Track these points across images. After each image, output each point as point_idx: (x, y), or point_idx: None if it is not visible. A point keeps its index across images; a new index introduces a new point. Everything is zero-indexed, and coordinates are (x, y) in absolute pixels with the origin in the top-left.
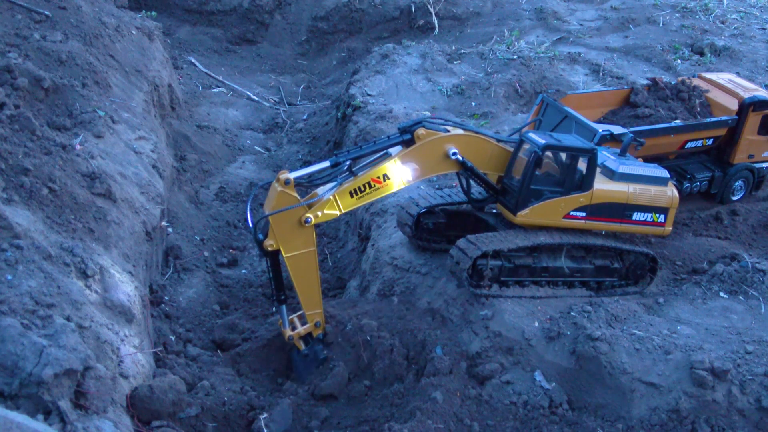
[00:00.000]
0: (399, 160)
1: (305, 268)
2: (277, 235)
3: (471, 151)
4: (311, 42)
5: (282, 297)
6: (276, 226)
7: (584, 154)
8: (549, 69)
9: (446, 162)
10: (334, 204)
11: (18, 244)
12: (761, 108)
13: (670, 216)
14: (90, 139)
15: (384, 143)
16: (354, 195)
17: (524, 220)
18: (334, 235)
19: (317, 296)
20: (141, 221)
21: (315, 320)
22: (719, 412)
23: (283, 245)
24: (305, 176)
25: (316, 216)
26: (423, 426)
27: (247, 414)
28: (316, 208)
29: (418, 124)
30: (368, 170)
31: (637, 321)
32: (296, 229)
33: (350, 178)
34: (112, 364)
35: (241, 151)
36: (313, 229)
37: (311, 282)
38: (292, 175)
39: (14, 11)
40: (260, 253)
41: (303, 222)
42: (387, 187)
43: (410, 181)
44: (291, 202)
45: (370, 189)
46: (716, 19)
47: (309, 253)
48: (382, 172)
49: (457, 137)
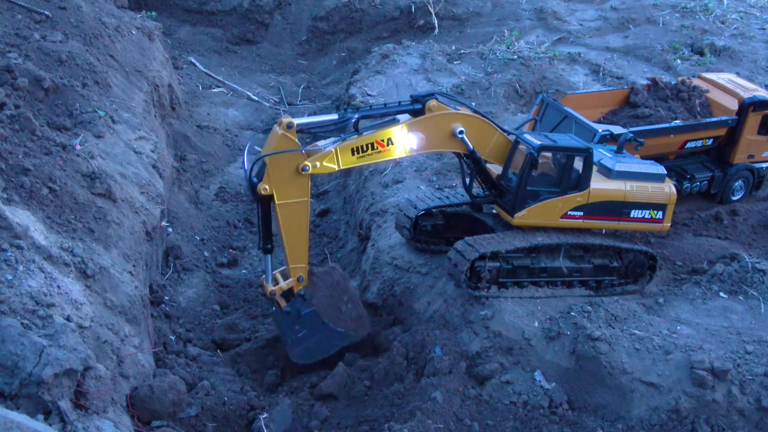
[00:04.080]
0: (406, 127)
1: (296, 219)
2: (272, 180)
3: (476, 134)
4: (311, 42)
5: (268, 246)
6: (272, 170)
7: (580, 154)
8: (549, 69)
9: (451, 140)
10: (334, 158)
11: (18, 244)
12: (761, 108)
13: (668, 212)
14: (90, 139)
15: (394, 108)
16: (355, 153)
17: (522, 221)
18: (334, 235)
19: (304, 250)
20: (141, 221)
21: (298, 275)
22: (719, 412)
23: (277, 191)
24: (309, 125)
25: (315, 166)
26: (423, 426)
27: (247, 414)
28: (315, 158)
29: (431, 95)
30: (374, 131)
31: (637, 321)
32: (293, 176)
33: (354, 136)
34: (112, 364)
35: (241, 151)
36: (309, 179)
37: (300, 234)
38: (295, 120)
39: (14, 11)
40: (252, 198)
41: (300, 170)
42: (389, 152)
43: (413, 151)
44: (291, 147)
45: (372, 151)
46: (716, 19)
47: (302, 203)
48: (387, 136)
49: (466, 116)
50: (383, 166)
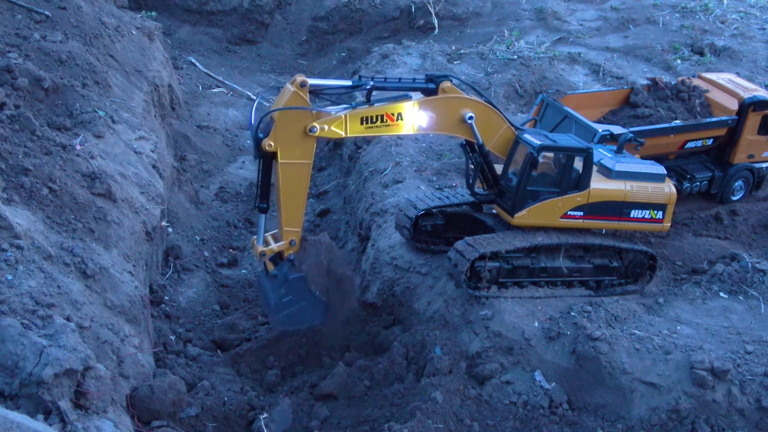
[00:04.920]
0: (418, 105)
1: (296, 181)
2: (278, 136)
3: (484, 123)
4: (311, 42)
5: (263, 206)
6: (280, 126)
7: (580, 154)
8: (549, 69)
9: (460, 126)
10: (342, 124)
11: (18, 244)
12: (761, 108)
13: (668, 212)
14: (90, 139)
15: (408, 84)
16: (364, 122)
17: (522, 221)
18: (334, 235)
19: (300, 214)
20: (141, 221)
21: (291, 238)
22: (719, 412)
23: (281, 149)
24: (322, 86)
25: (323, 129)
26: (423, 426)
27: (247, 414)
28: (324, 121)
29: (446, 77)
30: (385, 104)
31: (637, 321)
32: (299, 136)
33: (365, 106)
34: (112, 364)
35: (241, 151)
36: (315, 143)
37: (298, 198)
38: (309, 80)
39: (14, 11)
40: (255, 154)
41: (308, 131)
42: (397, 127)
43: (420, 129)
44: (302, 106)
45: (381, 123)
46: (716, 19)
47: (304, 165)
48: (398, 111)
49: (477, 103)
50: (383, 166)
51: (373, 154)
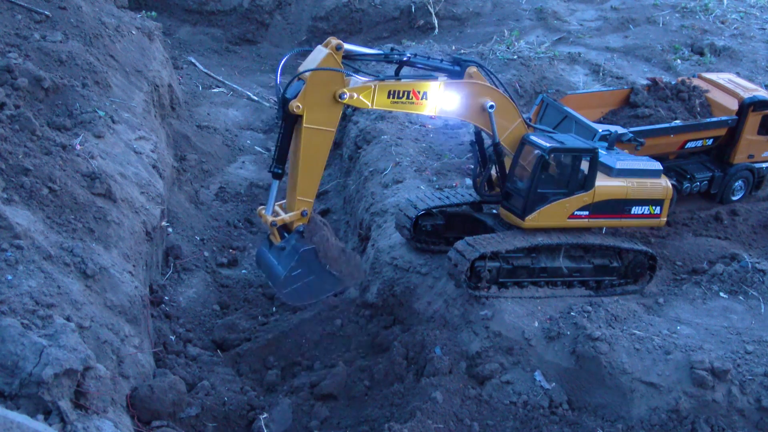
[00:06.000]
0: (443, 86)
1: (318, 148)
2: (307, 98)
3: (501, 115)
4: (311, 42)
5: (279, 170)
6: (310, 88)
7: (588, 154)
8: (549, 69)
9: (480, 114)
10: (371, 94)
11: (18, 244)
12: (761, 108)
13: (665, 207)
14: (90, 139)
15: (436, 64)
16: (391, 96)
17: (533, 224)
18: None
19: (316, 184)
20: (141, 221)
21: (303, 209)
22: (719, 412)
23: (308, 112)
24: (356, 52)
25: (351, 97)
26: (423, 426)
27: (247, 414)
28: (354, 88)
29: (474, 62)
30: (413, 80)
31: (637, 321)
32: (328, 102)
33: (393, 79)
34: (112, 364)
35: (241, 151)
36: (341, 110)
37: (317, 165)
38: (345, 44)
39: (14, 11)
40: (280, 114)
41: (338, 96)
42: (420, 107)
43: (442, 112)
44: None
45: (407, 99)
46: (716, 19)
47: (328, 133)
48: (424, 89)
49: (499, 93)
50: (383, 166)
51: (373, 154)
